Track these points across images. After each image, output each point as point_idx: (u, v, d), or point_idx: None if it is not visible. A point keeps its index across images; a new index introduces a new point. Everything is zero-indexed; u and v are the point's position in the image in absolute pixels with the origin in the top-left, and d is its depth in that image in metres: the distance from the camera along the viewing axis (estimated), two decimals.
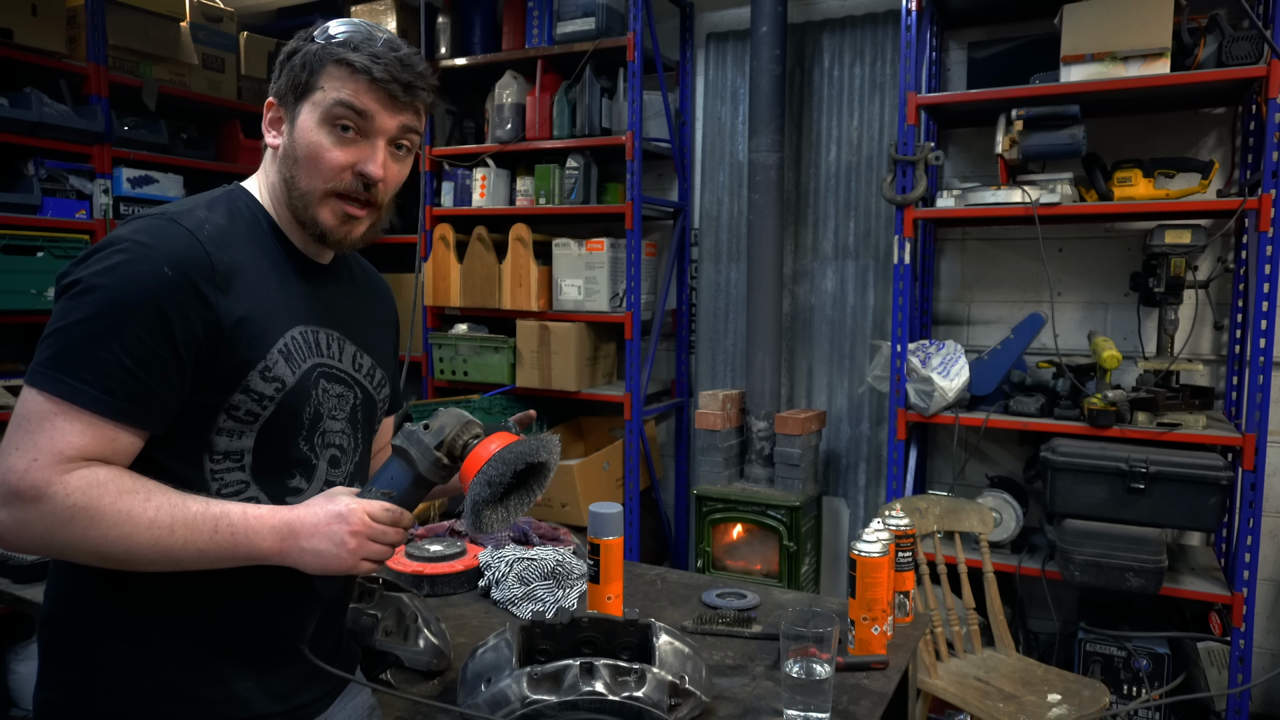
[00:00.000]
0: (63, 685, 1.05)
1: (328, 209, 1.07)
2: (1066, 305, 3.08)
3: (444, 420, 1.09)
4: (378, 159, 1.06)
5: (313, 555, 0.99)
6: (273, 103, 1.09)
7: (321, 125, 1.04)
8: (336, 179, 1.06)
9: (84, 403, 0.93)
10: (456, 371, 3.66)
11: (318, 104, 1.04)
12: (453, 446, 1.08)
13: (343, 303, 1.17)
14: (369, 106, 1.05)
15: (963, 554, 2.47)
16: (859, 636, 1.44)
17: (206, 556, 0.96)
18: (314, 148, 1.05)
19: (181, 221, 1.00)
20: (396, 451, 1.08)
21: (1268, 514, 2.85)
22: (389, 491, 1.06)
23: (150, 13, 3.49)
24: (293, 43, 1.09)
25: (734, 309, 3.61)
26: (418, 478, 1.07)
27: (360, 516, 1.00)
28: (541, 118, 3.51)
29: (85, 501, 0.92)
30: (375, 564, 1.02)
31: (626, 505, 3.39)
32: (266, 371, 1.02)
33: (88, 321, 0.93)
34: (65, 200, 3.23)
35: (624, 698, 1.12)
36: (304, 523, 1.00)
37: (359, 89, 1.04)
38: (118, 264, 0.95)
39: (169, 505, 0.95)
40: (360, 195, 1.07)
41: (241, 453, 1.04)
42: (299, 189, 1.06)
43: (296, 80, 1.05)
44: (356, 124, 1.05)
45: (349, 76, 1.04)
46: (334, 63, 1.04)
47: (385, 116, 1.06)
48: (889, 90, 3.28)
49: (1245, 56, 2.45)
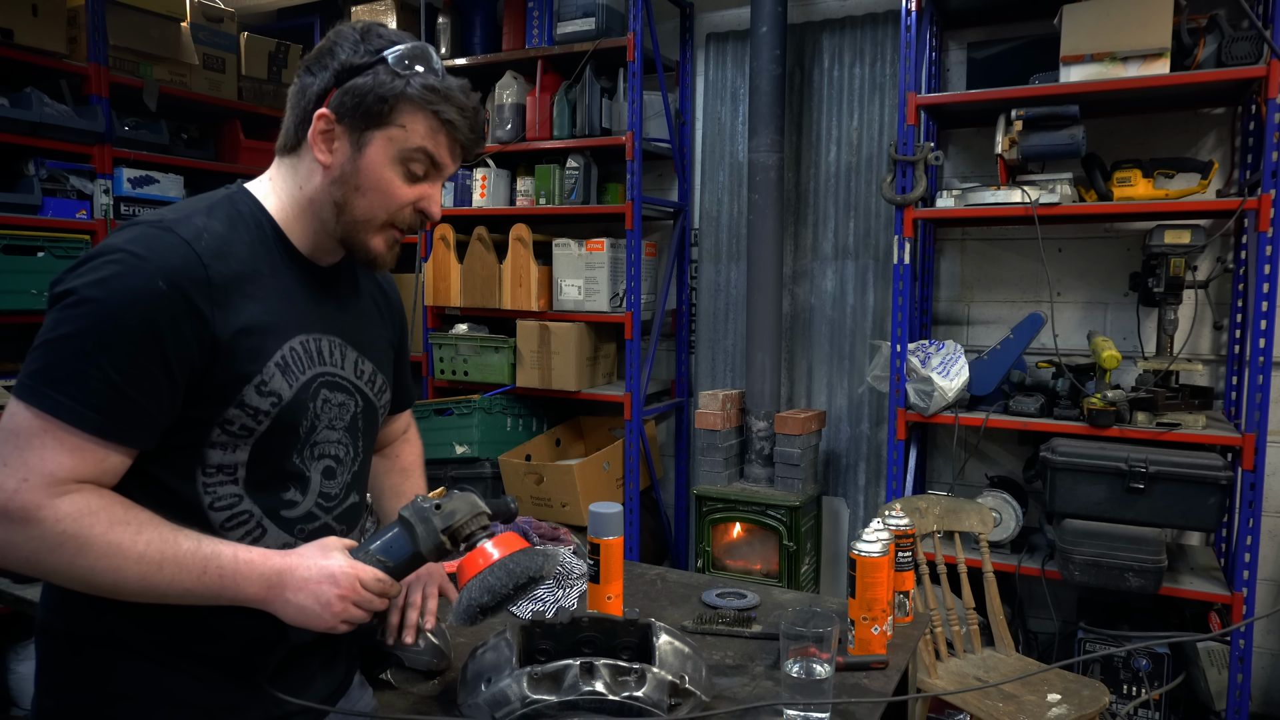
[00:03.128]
0: (61, 694, 1.05)
1: (381, 238, 1.09)
2: (1066, 305, 3.09)
3: (456, 505, 1.08)
4: (439, 199, 1.11)
5: (295, 609, 0.99)
6: (330, 116, 1.04)
7: (396, 164, 1.05)
8: (399, 214, 1.08)
9: (72, 420, 0.91)
10: (457, 371, 3.66)
11: (395, 141, 1.04)
12: (458, 533, 1.08)
13: (345, 308, 1.16)
14: (445, 160, 1.08)
15: (962, 554, 2.47)
16: (859, 636, 1.44)
17: (192, 595, 0.96)
18: (384, 183, 1.05)
19: (178, 230, 0.98)
20: (401, 522, 1.07)
21: (1267, 514, 2.85)
22: (385, 560, 1.04)
23: (151, 13, 3.49)
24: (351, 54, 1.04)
25: (734, 309, 3.61)
26: (416, 554, 1.06)
27: (352, 582, 1.00)
28: (541, 118, 3.51)
29: (75, 530, 0.91)
30: (352, 627, 1.02)
31: (626, 505, 3.39)
32: (262, 386, 1.01)
33: (78, 336, 0.92)
34: (66, 200, 3.23)
35: (624, 698, 1.12)
36: (294, 575, 0.99)
37: (440, 143, 1.06)
38: (110, 276, 0.93)
39: (159, 541, 0.94)
40: (416, 228, 1.11)
41: (235, 466, 1.02)
42: (354, 215, 1.07)
43: (369, 108, 1.03)
44: (427, 169, 1.07)
45: (436, 128, 1.05)
46: (423, 109, 1.04)
47: (453, 164, 1.10)
48: (889, 90, 3.28)
49: (1245, 56, 2.45)
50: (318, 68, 1.06)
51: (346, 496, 1.15)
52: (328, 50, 1.06)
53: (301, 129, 1.07)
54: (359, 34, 1.06)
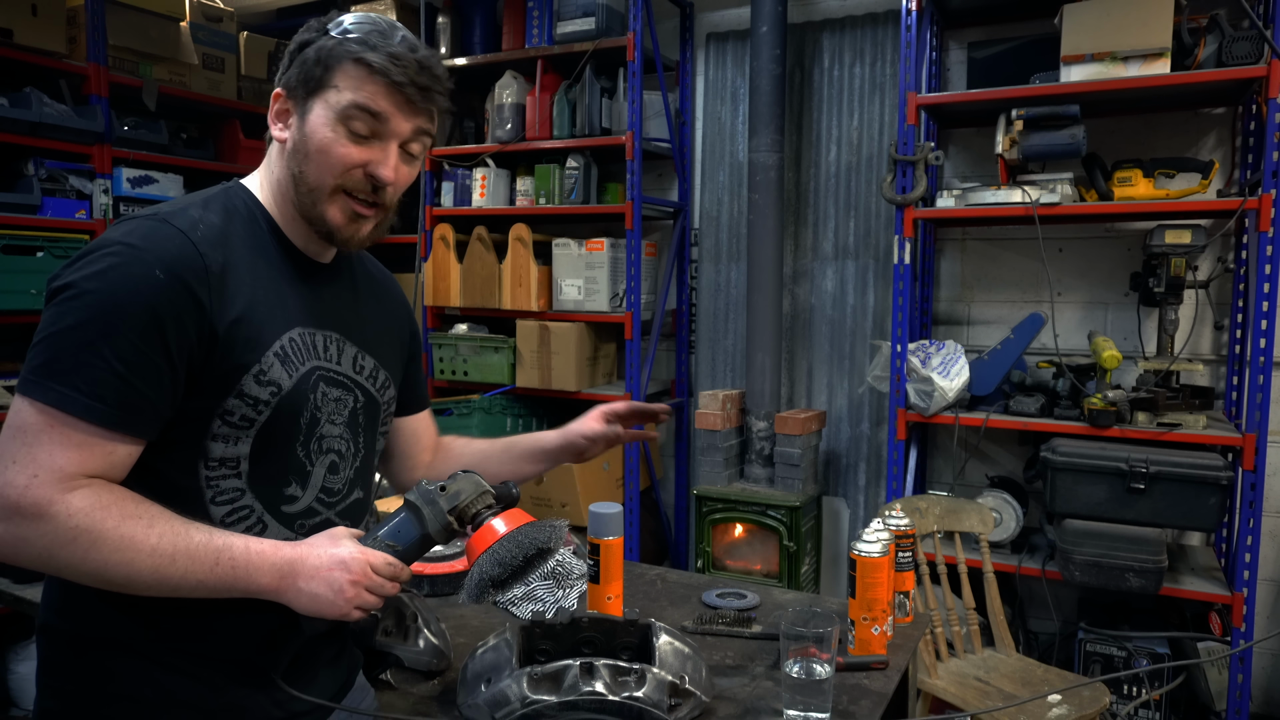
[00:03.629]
0: (62, 695, 1.04)
1: (336, 206, 1.06)
2: (1066, 305, 3.08)
3: (461, 485, 1.09)
4: (389, 162, 1.05)
5: (309, 598, 0.98)
6: (281, 94, 1.06)
7: (335, 124, 1.03)
8: (346, 176, 1.04)
9: (77, 411, 0.91)
10: (456, 371, 3.66)
11: (331, 103, 1.02)
12: (464, 513, 1.08)
13: (343, 303, 1.15)
14: (384, 109, 1.03)
15: (963, 554, 2.46)
16: (859, 636, 1.44)
17: (205, 587, 0.96)
18: (325, 144, 1.03)
19: (174, 222, 0.98)
20: (408, 506, 1.08)
21: (1268, 514, 2.85)
22: (394, 545, 1.05)
23: (150, 13, 3.49)
24: (304, 33, 1.06)
25: (734, 309, 3.61)
26: (425, 537, 1.06)
27: (363, 567, 1.00)
28: (541, 118, 3.51)
29: (88, 524, 0.91)
30: (365, 613, 1.02)
31: (626, 505, 3.39)
32: (261, 375, 1.01)
33: (79, 328, 0.92)
34: (65, 200, 3.23)
35: (624, 698, 1.12)
36: (305, 564, 0.99)
37: (376, 91, 1.02)
38: (108, 268, 0.93)
39: (172, 533, 0.94)
40: (369, 196, 1.06)
41: (238, 459, 1.02)
42: (308, 184, 1.05)
43: (309, 74, 1.03)
44: (371, 126, 1.03)
45: (366, 77, 1.02)
46: (351, 61, 1.02)
47: (400, 119, 1.04)
48: (889, 90, 3.28)
49: (1245, 56, 2.44)
50: (287, 58, 1.08)
51: (350, 492, 1.15)
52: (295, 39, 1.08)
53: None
54: (323, 18, 1.07)
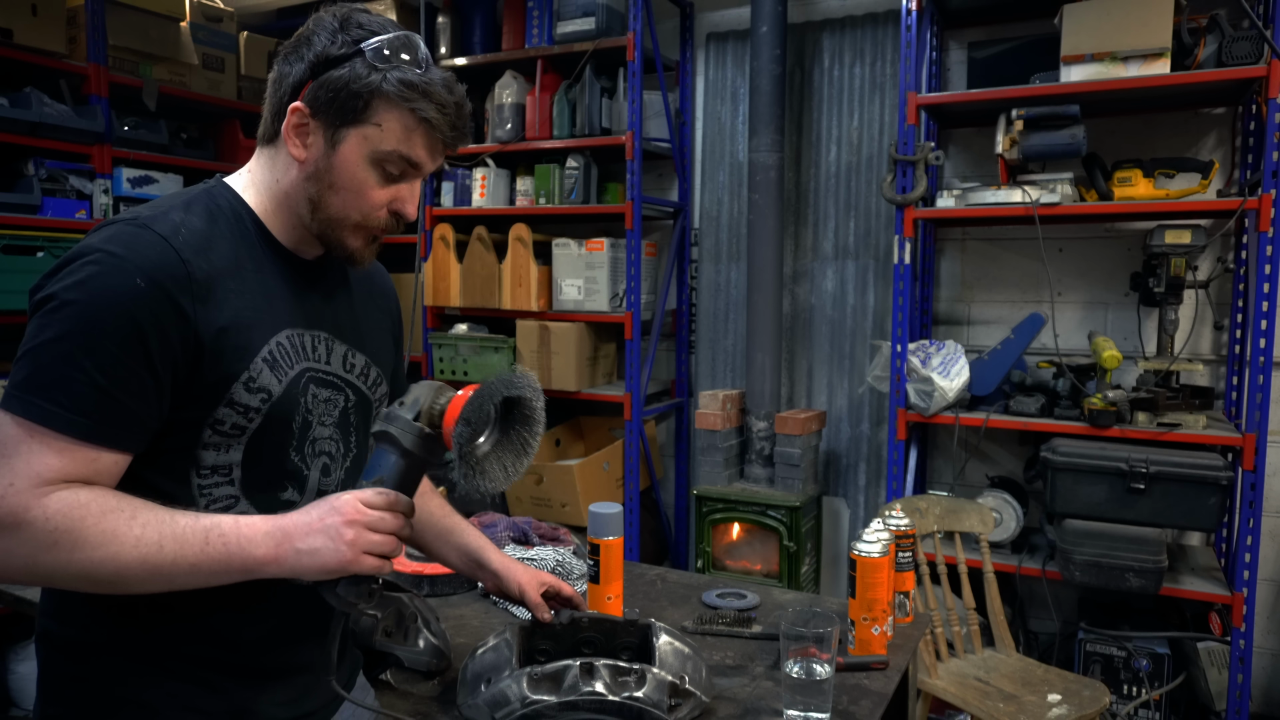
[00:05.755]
0: (63, 701, 1.04)
1: (358, 237, 1.06)
2: (1066, 305, 3.08)
3: (417, 392, 1.04)
4: (415, 199, 1.06)
5: (309, 555, 0.94)
6: (303, 110, 1.00)
7: (370, 165, 1.01)
8: (372, 216, 1.04)
9: (58, 426, 0.89)
10: (456, 371, 3.66)
11: (370, 141, 1.00)
12: (431, 415, 1.03)
13: (331, 301, 1.13)
14: (422, 159, 1.03)
15: (963, 554, 2.47)
16: (859, 636, 1.44)
17: (200, 571, 0.92)
18: (359, 185, 1.02)
19: (155, 227, 0.95)
20: (378, 438, 1.03)
21: (1268, 514, 2.85)
22: (379, 478, 1.01)
23: (150, 13, 3.49)
24: (328, 44, 1.00)
25: (734, 309, 3.61)
26: (405, 454, 1.01)
27: (353, 504, 0.95)
28: (541, 118, 3.51)
29: (67, 525, 0.88)
30: (379, 559, 0.96)
31: (626, 505, 3.39)
32: (251, 382, 0.99)
33: (60, 340, 0.89)
34: (65, 200, 3.23)
35: (624, 698, 1.12)
36: (296, 524, 0.95)
37: (416, 142, 1.01)
38: (88, 277, 0.90)
39: (156, 521, 0.91)
40: (392, 229, 1.07)
41: (230, 466, 1.01)
42: (328, 214, 1.03)
43: (345, 104, 0.99)
44: (403, 169, 1.03)
45: (413, 126, 1.00)
46: (400, 108, 0.99)
47: (431, 163, 1.05)
48: (889, 90, 3.28)
49: (1245, 56, 2.45)
50: (294, 57, 1.02)
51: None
52: (305, 39, 1.02)
53: (278, 120, 1.03)
54: (338, 22, 1.01)
